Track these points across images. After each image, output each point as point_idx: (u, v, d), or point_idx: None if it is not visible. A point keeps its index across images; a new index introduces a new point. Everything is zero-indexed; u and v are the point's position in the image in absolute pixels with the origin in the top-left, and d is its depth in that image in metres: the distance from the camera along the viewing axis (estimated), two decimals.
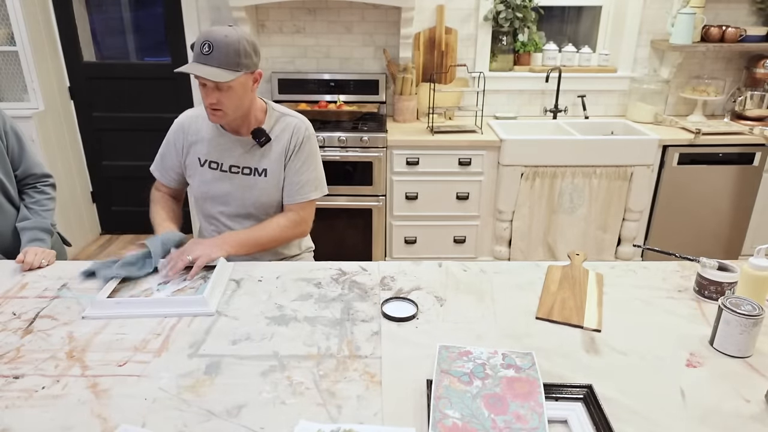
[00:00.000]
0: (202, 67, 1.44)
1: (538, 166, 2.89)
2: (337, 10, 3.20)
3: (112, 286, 1.38)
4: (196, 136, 1.66)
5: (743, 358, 1.15)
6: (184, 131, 1.67)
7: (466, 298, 1.39)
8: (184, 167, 1.70)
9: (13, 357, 1.14)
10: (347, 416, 0.99)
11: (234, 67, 1.46)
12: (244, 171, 1.65)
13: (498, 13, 3.14)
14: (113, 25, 3.49)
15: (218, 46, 1.44)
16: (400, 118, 3.22)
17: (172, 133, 1.69)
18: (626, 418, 0.98)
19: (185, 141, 1.67)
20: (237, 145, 1.64)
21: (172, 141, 1.69)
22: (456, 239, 3.10)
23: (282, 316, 1.30)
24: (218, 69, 1.45)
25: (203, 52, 1.44)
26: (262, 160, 1.64)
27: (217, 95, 1.49)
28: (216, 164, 1.65)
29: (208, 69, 1.44)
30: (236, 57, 1.46)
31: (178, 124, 1.69)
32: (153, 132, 2.99)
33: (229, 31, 1.46)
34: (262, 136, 1.61)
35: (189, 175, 1.70)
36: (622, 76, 3.33)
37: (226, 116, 1.54)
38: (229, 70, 1.46)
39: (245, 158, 1.64)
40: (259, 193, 1.66)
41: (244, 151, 1.64)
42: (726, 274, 1.34)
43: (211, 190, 1.67)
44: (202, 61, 1.45)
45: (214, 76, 1.44)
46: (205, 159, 1.66)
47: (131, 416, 0.98)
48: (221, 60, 1.44)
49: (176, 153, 1.69)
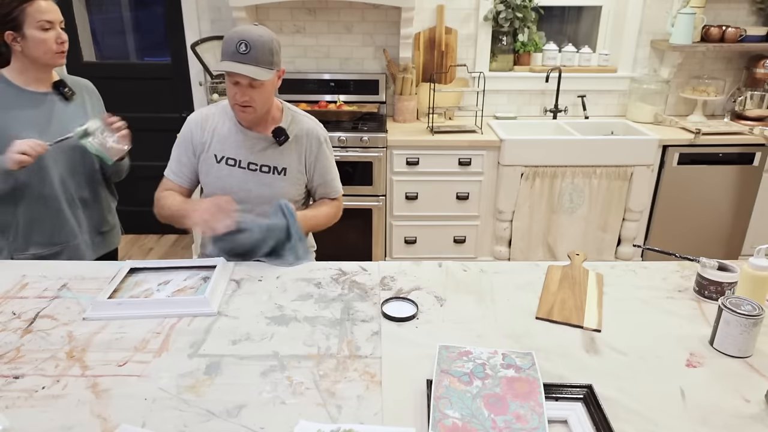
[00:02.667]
0: (242, 66, 1.48)
1: (538, 166, 2.89)
2: (337, 10, 3.20)
3: (113, 286, 1.38)
4: (213, 133, 1.67)
5: (743, 358, 1.15)
6: (201, 128, 1.67)
7: (466, 298, 1.39)
8: (198, 163, 1.69)
9: (13, 357, 1.14)
10: (347, 416, 0.99)
11: (269, 65, 1.52)
12: (263, 169, 1.66)
13: (498, 13, 3.14)
14: (113, 25, 3.49)
15: (255, 45, 1.48)
16: (400, 118, 3.22)
17: (187, 131, 1.69)
18: (626, 418, 0.98)
19: (202, 137, 1.67)
20: (255, 142, 1.66)
21: (188, 139, 1.68)
22: (456, 239, 3.10)
23: (282, 316, 1.30)
24: (257, 67, 1.49)
25: (240, 51, 1.48)
26: (281, 158, 1.67)
27: (251, 93, 1.53)
28: (234, 161, 1.66)
29: (249, 68, 1.48)
30: (271, 55, 1.52)
31: (192, 123, 1.69)
32: (153, 132, 2.99)
33: (261, 30, 1.52)
34: (282, 135, 1.64)
35: (204, 172, 1.69)
36: (622, 76, 3.33)
37: (256, 113, 1.59)
38: (266, 68, 1.51)
39: (263, 156, 1.66)
40: (277, 190, 1.67)
41: (262, 148, 1.66)
42: (726, 274, 1.34)
43: (228, 186, 1.67)
44: (240, 59, 1.48)
45: (256, 74, 1.49)
46: (222, 155, 1.66)
47: (131, 416, 0.98)
48: (259, 58, 1.49)
49: (193, 150, 1.68)
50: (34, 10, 1.56)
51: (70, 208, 1.74)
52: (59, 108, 1.69)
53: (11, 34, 1.57)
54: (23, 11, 1.55)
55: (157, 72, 3.44)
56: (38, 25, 1.56)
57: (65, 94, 1.70)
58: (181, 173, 1.71)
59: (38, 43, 1.58)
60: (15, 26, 1.56)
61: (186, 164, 1.70)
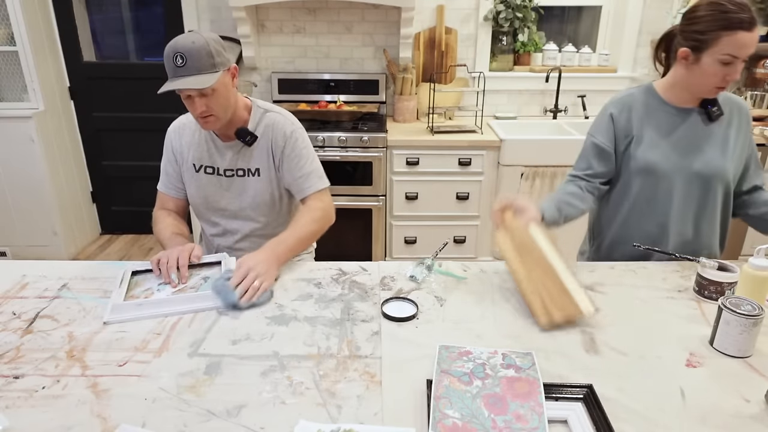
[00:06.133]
0: (181, 80, 1.42)
1: (538, 166, 2.89)
2: (337, 10, 3.20)
3: (125, 288, 1.38)
4: (189, 143, 1.66)
5: (743, 358, 1.14)
6: (179, 137, 1.67)
7: (466, 298, 1.39)
8: (182, 175, 1.70)
9: (13, 357, 1.14)
10: (347, 416, 0.99)
11: (211, 68, 1.45)
12: (239, 173, 1.65)
13: (498, 13, 3.14)
14: (113, 25, 3.49)
15: (190, 54, 1.41)
16: (400, 118, 3.22)
17: (168, 143, 1.69)
18: (626, 418, 0.98)
19: (180, 147, 1.67)
20: (227, 147, 1.64)
21: (170, 149, 1.69)
22: (456, 239, 3.10)
23: (282, 316, 1.30)
24: (198, 76, 1.43)
25: (178, 65, 1.42)
26: (253, 159, 1.64)
27: (205, 101, 1.47)
28: (212, 168, 1.66)
29: (188, 80, 1.42)
30: (210, 58, 1.44)
31: (171, 132, 1.69)
32: (153, 132, 2.99)
33: (194, 36, 1.44)
34: (246, 136, 1.60)
35: (186, 182, 1.69)
36: (622, 76, 3.33)
37: (219, 120, 1.53)
38: (209, 73, 1.44)
39: (237, 160, 1.64)
40: (254, 192, 1.66)
41: (235, 152, 1.64)
42: (726, 274, 1.34)
43: (209, 194, 1.67)
44: (179, 74, 1.43)
45: (198, 83, 1.43)
46: (200, 164, 1.66)
47: (131, 416, 0.98)
48: (197, 66, 1.42)
49: (175, 160, 1.69)
50: (728, 41, 1.37)
51: None
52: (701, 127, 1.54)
53: (686, 52, 1.44)
54: (717, 38, 1.37)
55: (157, 72, 3.41)
56: (720, 57, 1.39)
57: (711, 113, 1.52)
58: (171, 185, 1.71)
59: (707, 76, 1.42)
60: (697, 47, 1.41)
61: (172, 175, 1.70)
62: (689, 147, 1.53)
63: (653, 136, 1.54)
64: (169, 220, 1.67)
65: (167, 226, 1.65)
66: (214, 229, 1.74)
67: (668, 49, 1.56)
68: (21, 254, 3.39)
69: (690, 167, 1.52)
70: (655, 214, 1.58)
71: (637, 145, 1.56)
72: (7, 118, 3.11)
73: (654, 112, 1.55)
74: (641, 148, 1.55)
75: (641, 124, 1.56)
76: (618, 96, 1.62)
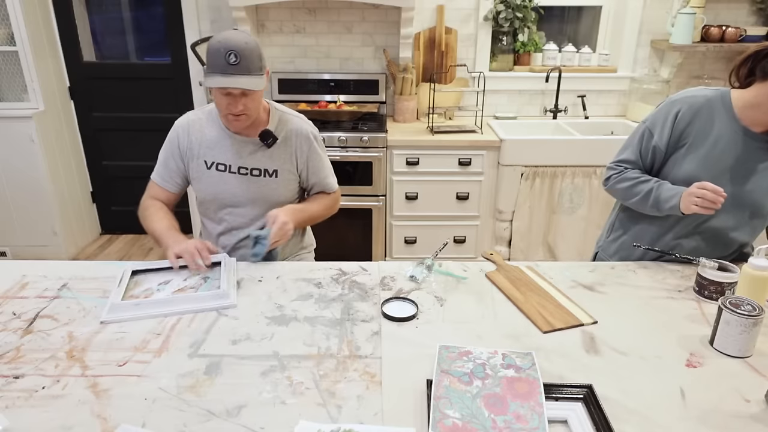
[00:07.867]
0: (234, 78, 1.44)
1: (538, 166, 2.89)
2: (337, 10, 3.20)
3: (123, 288, 1.37)
4: (199, 140, 1.64)
5: (743, 358, 1.15)
6: (188, 134, 1.64)
7: (466, 298, 1.39)
8: (188, 171, 1.68)
9: (13, 357, 1.14)
10: (347, 416, 0.99)
11: (259, 71, 1.49)
12: (254, 172, 1.65)
13: (498, 13, 3.14)
14: (113, 25, 3.48)
15: (244, 54, 1.44)
16: (400, 118, 3.22)
17: (174, 138, 1.66)
18: (626, 418, 0.98)
19: (189, 144, 1.64)
20: (243, 146, 1.64)
21: (175, 144, 1.66)
22: (456, 239, 3.10)
23: (282, 316, 1.30)
24: (250, 77, 1.46)
25: (231, 63, 1.43)
26: (271, 161, 1.65)
27: (244, 101, 1.50)
28: (224, 166, 1.65)
29: (241, 80, 1.45)
30: (259, 61, 1.48)
31: (179, 128, 1.66)
32: (153, 132, 2.99)
33: (245, 36, 1.47)
34: (269, 138, 1.61)
35: (195, 179, 1.68)
36: (622, 76, 3.33)
37: (249, 120, 1.56)
38: (258, 75, 1.48)
39: (253, 159, 1.64)
40: (269, 193, 1.67)
41: (251, 151, 1.64)
42: (726, 274, 1.34)
43: (220, 192, 1.66)
44: (232, 71, 1.44)
45: (251, 85, 1.46)
46: (212, 162, 1.65)
47: (131, 416, 0.98)
48: (249, 67, 1.45)
49: (180, 156, 1.66)
50: None
51: None
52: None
53: None
54: None
55: (157, 72, 3.44)
56: None
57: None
58: (168, 178, 1.69)
59: None
60: None
61: (173, 169, 1.68)
62: (741, 173, 1.44)
63: (708, 151, 1.45)
64: (162, 213, 1.65)
65: (162, 218, 1.63)
66: (219, 227, 1.73)
67: (755, 66, 1.41)
68: (21, 254, 3.39)
69: (736, 195, 1.45)
70: (685, 223, 1.53)
71: (687, 154, 1.47)
72: (7, 118, 3.11)
73: (720, 125, 1.45)
74: (690, 159, 1.46)
75: (701, 134, 1.46)
76: (689, 93, 1.52)
